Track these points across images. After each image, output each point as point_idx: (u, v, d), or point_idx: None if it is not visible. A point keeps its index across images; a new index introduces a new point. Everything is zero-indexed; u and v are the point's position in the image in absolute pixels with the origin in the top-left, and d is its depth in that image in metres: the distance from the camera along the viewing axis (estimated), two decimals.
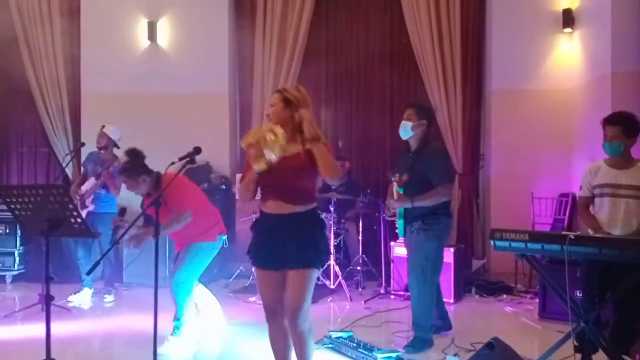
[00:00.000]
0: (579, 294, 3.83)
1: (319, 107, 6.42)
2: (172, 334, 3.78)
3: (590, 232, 3.40)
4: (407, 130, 3.81)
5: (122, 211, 3.85)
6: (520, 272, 5.61)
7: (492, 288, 5.40)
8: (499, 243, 3.17)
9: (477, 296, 5.34)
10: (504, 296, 5.32)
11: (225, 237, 3.96)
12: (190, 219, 3.66)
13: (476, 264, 5.96)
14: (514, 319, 4.68)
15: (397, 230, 4.01)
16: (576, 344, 3.12)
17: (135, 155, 3.71)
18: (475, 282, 5.45)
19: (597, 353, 3.24)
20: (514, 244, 3.14)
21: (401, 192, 3.78)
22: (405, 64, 6.55)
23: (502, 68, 6.16)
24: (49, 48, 6.71)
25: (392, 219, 3.94)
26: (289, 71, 6.47)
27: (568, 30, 6.04)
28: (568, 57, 6.09)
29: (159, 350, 3.50)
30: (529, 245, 3.10)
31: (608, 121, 3.34)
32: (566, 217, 5.63)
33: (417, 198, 3.68)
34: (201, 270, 3.88)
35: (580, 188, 3.54)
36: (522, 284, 5.56)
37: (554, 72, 6.13)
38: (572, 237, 2.98)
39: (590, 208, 3.55)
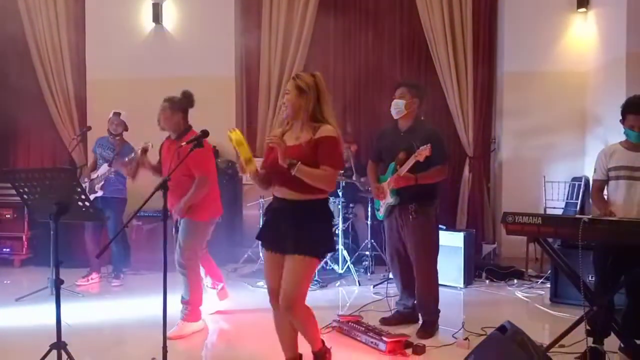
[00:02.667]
0: (591, 278, 3.80)
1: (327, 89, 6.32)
2: (181, 318, 3.77)
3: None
4: (399, 109, 3.74)
5: (145, 150, 3.82)
6: (531, 257, 5.55)
7: (503, 273, 5.35)
8: (511, 226, 3.13)
9: (487, 281, 5.29)
10: (515, 281, 5.27)
11: (217, 219, 3.98)
12: (208, 186, 3.71)
13: (486, 248, 5.90)
14: (524, 304, 4.63)
15: (377, 212, 3.95)
16: (588, 328, 3.08)
17: (188, 98, 3.84)
18: (486, 267, 5.40)
19: (609, 337, 3.22)
20: (526, 228, 3.09)
21: (392, 169, 3.71)
22: (415, 46, 6.43)
23: (514, 50, 6.04)
24: (54, 32, 6.66)
25: (381, 199, 3.84)
26: (297, 52, 6.38)
27: (582, 10, 5.89)
28: (582, 38, 5.95)
29: (168, 335, 3.52)
30: (542, 228, 3.06)
31: (633, 110, 3.22)
32: (579, 201, 5.56)
33: (421, 175, 3.61)
34: (201, 246, 3.89)
35: (595, 171, 3.47)
36: (534, 269, 5.51)
37: (568, 53, 5.99)
38: (586, 220, 2.92)
39: (605, 191, 3.47)
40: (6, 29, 6.48)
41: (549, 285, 4.70)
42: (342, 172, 5.50)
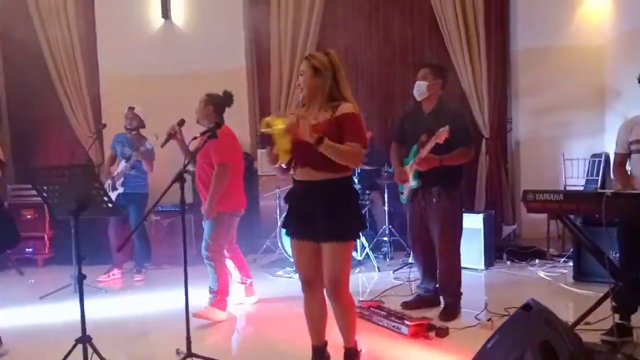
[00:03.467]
0: (615, 254, 3.73)
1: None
2: (209, 303, 3.82)
3: None
4: (422, 91, 3.69)
5: (182, 122, 3.87)
6: (552, 237, 5.48)
7: (524, 253, 5.29)
8: (532, 204, 3.07)
9: (508, 262, 5.24)
10: (537, 261, 5.21)
11: (241, 212, 3.98)
12: (228, 174, 3.70)
13: (506, 230, 5.84)
14: (547, 284, 4.58)
15: (401, 195, 3.91)
16: (614, 304, 3.02)
17: (226, 95, 3.92)
18: (507, 248, 5.34)
19: (636, 313, 3.16)
20: (548, 205, 3.03)
21: (414, 152, 3.67)
22: (426, 27, 6.33)
23: (528, 26, 5.92)
24: (65, 32, 6.72)
25: (404, 183, 3.81)
26: (306, 42, 6.35)
27: None
28: (598, 10, 5.80)
29: (195, 313, 3.57)
30: (564, 205, 3.00)
31: None
32: (599, 178, 5.46)
33: (446, 157, 3.56)
34: (226, 238, 3.90)
35: (616, 145, 3.39)
36: (555, 248, 5.44)
37: (584, 27, 5.85)
38: (609, 194, 2.86)
39: (627, 166, 3.40)
40: (18, 31, 6.56)
41: (571, 264, 4.64)
42: None
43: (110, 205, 2.74)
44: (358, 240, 5.31)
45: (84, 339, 2.69)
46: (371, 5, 6.45)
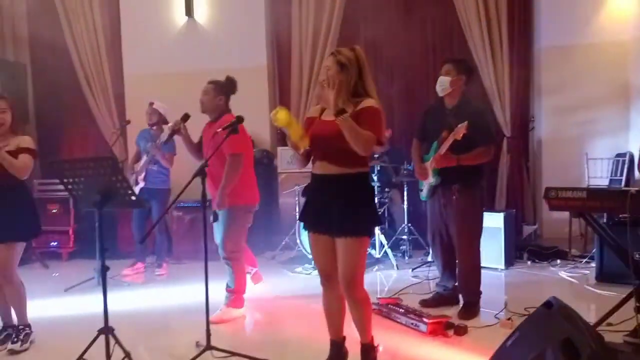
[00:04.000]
0: (638, 256, 3.66)
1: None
2: (225, 304, 3.84)
3: None
4: (444, 86, 3.65)
5: (186, 117, 3.83)
6: (574, 237, 5.40)
7: (545, 253, 5.22)
8: (554, 202, 3.04)
9: (529, 262, 5.17)
10: (558, 261, 5.13)
11: (255, 207, 3.93)
12: (242, 164, 3.68)
13: (527, 229, 5.77)
14: (569, 284, 4.51)
15: (421, 192, 3.88)
16: (638, 304, 2.97)
17: (231, 82, 3.88)
18: (527, 248, 5.28)
19: None
20: (571, 202, 3.00)
21: (434, 149, 3.64)
22: (447, 23, 6.28)
23: (552, 22, 5.84)
24: (91, 30, 6.85)
25: (425, 180, 3.78)
26: (327, 41, 6.36)
27: None
28: (623, 7, 5.69)
29: (211, 318, 3.60)
30: (587, 202, 2.96)
31: None
32: (623, 177, 5.37)
33: (463, 156, 3.54)
34: (242, 235, 3.87)
35: None
36: (577, 249, 5.35)
37: (608, 23, 5.75)
38: (634, 192, 2.81)
39: None
40: (46, 31, 6.73)
41: (593, 265, 4.57)
42: (377, 157, 5.48)
43: (133, 197, 2.79)
44: (377, 238, 5.31)
45: (107, 330, 2.74)
46: (393, 2, 6.43)
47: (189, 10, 6.56)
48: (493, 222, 4.86)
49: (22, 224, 3.33)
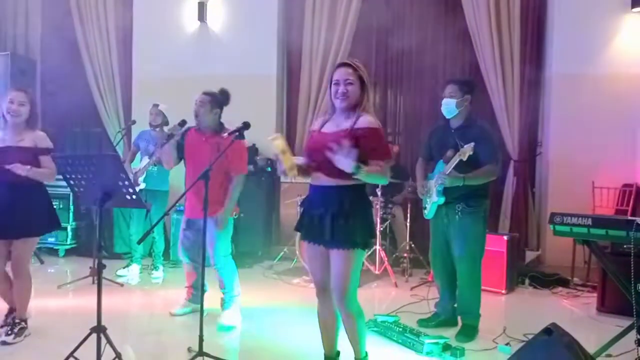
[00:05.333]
0: None
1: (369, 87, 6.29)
2: (223, 308, 3.81)
3: None
4: (451, 108, 3.63)
5: (183, 122, 3.83)
6: (577, 266, 5.33)
7: (547, 280, 5.14)
8: (559, 227, 3.01)
9: (530, 288, 5.10)
10: (560, 289, 5.06)
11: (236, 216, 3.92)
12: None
13: (530, 255, 5.71)
14: (569, 312, 4.44)
15: (425, 211, 3.84)
16: (639, 337, 2.91)
17: (225, 95, 3.84)
18: (529, 274, 5.21)
19: None
20: (575, 229, 2.96)
21: (441, 168, 3.62)
22: (459, 44, 6.28)
23: (564, 50, 5.83)
24: (102, 29, 6.92)
25: (428, 198, 3.74)
26: (338, 53, 6.37)
27: (637, 10, 5.65)
28: (634, 40, 5.70)
29: (220, 321, 3.64)
30: (592, 230, 2.92)
31: None
32: (629, 208, 5.32)
33: (469, 175, 3.51)
34: (230, 241, 3.87)
35: None
36: (580, 278, 5.29)
37: (621, 55, 5.75)
38: None
39: None
40: (59, 30, 6.80)
41: (595, 295, 4.50)
42: None
43: (135, 197, 2.76)
44: (377, 254, 5.26)
45: (99, 329, 2.69)
46: (404, 20, 6.46)
47: (201, 15, 6.58)
48: (496, 245, 4.81)
49: (37, 220, 3.35)
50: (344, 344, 2.79)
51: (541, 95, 6.13)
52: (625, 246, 4.09)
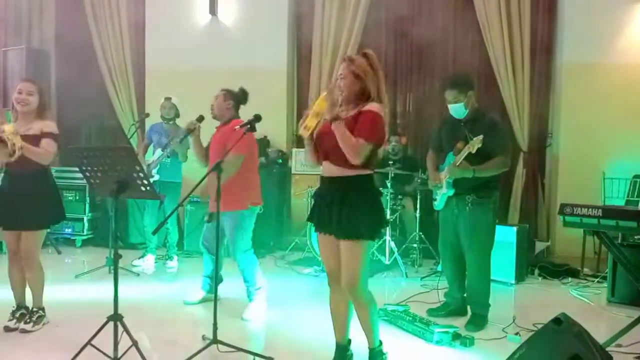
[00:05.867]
0: None
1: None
2: (249, 300, 3.87)
3: None
4: (461, 111, 3.65)
5: (201, 118, 3.96)
6: (587, 257, 5.34)
7: (557, 271, 5.15)
8: (568, 218, 3.03)
9: (540, 278, 5.11)
10: (570, 279, 5.07)
11: (258, 208, 3.91)
12: (239, 165, 3.68)
13: (540, 246, 5.72)
14: (579, 303, 4.46)
15: (434, 202, 3.87)
16: None
17: (243, 93, 3.98)
18: (539, 264, 5.23)
19: None
20: (585, 220, 2.98)
21: (452, 159, 3.64)
22: (469, 35, 6.25)
23: (575, 40, 5.79)
24: (116, 25, 6.98)
25: (438, 189, 3.77)
26: (347, 47, 6.37)
27: None
28: None
29: (245, 316, 3.71)
30: (602, 221, 2.94)
31: None
32: None
33: (479, 167, 3.53)
34: (251, 235, 3.89)
35: None
36: (590, 268, 5.29)
37: (632, 45, 5.72)
38: None
39: None
40: (72, 23, 6.87)
41: (605, 285, 4.51)
42: (392, 163, 5.48)
43: (149, 188, 2.82)
44: (387, 245, 5.30)
45: (116, 317, 2.76)
46: (414, 12, 6.44)
47: (213, 9, 6.62)
48: (505, 235, 4.82)
49: (44, 211, 3.40)
50: (356, 333, 2.84)
51: (551, 86, 6.11)
52: (635, 237, 4.11)
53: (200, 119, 3.95)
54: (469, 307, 3.83)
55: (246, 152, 3.71)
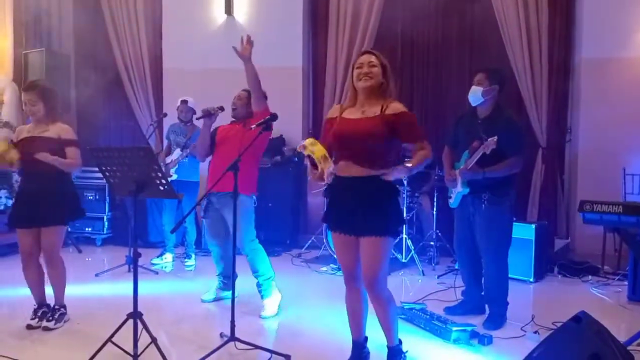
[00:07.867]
0: None
1: (394, 76, 6.27)
2: (263, 297, 3.89)
3: None
4: (477, 96, 3.60)
5: (221, 108, 4.03)
6: (608, 254, 5.26)
7: (577, 268, 5.09)
8: (588, 215, 2.99)
9: (559, 276, 5.06)
10: (590, 277, 5.00)
11: (254, 196, 3.95)
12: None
13: (559, 243, 5.64)
14: (599, 301, 4.40)
15: (450, 200, 3.84)
16: None
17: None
18: (559, 262, 5.17)
19: None
20: (605, 217, 2.94)
21: (465, 157, 3.61)
22: (486, 30, 6.16)
23: (594, 33, 5.69)
24: (133, 26, 7.09)
25: (454, 187, 3.74)
26: (363, 43, 6.36)
27: None
28: None
29: (263, 314, 3.74)
30: (623, 218, 2.90)
31: None
32: None
33: (489, 169, 3.49)
34: (252, 226, 3.92)
35: None
36: (610, 266, 5.22)
37: None
38: None
39: None
40: (90, 25, 6.98)
41: (626, 283, 4.44)
42: (407, 160, 5.45)
43: (167, 187, 2.85)
44: (404, 243, 5.29)
45: (135, 314, 2.79)
46: (429, 5, 6.39)
47: (228, 9, 6.66)
48: (524, 233, 4.78)
49: (63, 208, 3.48)
50: (373, 332, 2.84)
51: (570, 81, 6.02)
52: None
53: (221, 108, 4.00)
54: (486, 305, 3.81)
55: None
